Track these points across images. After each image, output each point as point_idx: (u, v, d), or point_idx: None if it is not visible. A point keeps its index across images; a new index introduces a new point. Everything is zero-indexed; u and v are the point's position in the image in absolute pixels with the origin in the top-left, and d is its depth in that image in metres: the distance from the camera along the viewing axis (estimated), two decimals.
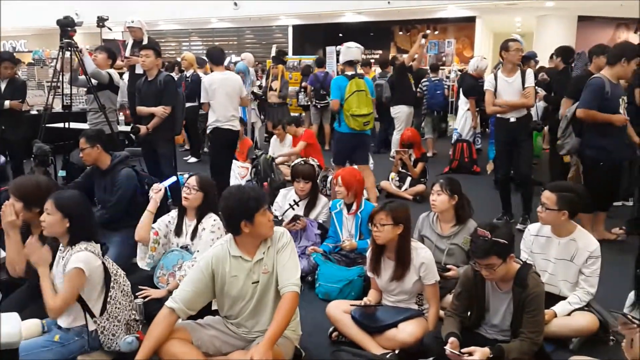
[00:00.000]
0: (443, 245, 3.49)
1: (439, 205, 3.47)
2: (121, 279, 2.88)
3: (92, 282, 2.69)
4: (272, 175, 6.04)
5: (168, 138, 5.32)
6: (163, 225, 3.48)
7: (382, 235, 2.92)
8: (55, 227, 2.70)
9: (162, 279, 3.41)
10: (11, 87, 5.69)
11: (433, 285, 2.94)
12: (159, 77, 5.08)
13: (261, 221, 2.51)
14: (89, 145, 4.00)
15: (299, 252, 3.93)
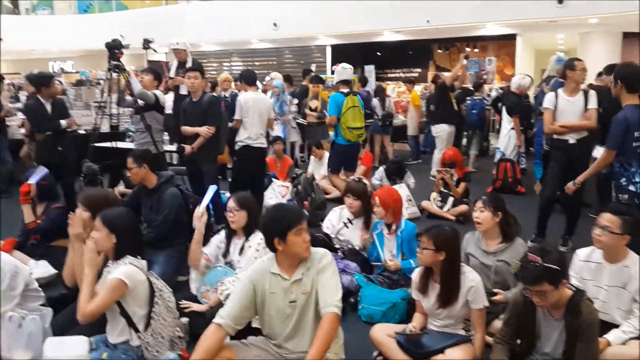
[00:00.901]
0: (489, 262, 3.40)
1: (483, 223, 3.41)
2: (166, 295, 2.93)
3: (136, 296, 2.75)
4: (312, 194, 6.05)
5: (212, 157, 5.41)
6: (214, 248, 3.53)
7: (423, 259, 2.89)
8: (103, 243, 2.79)
9: (205, 294, 3.44)
10: (58, 107, 5.81)
11: (481, 310, 2.87)
12: (204, 98, 5.19)
13: (294, 241, 2.49)
14: (136, 165, 4.10)
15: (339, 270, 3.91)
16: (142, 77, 5.55)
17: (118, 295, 2.70)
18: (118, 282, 2.67)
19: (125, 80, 5.18)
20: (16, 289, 3.03)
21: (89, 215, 3.18)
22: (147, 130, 5.24)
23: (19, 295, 3.04)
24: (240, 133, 5.60)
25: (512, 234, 3.43)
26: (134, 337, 2.77)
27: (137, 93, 5.22)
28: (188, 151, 5.24)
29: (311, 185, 6.12)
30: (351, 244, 4.22)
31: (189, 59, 6.58)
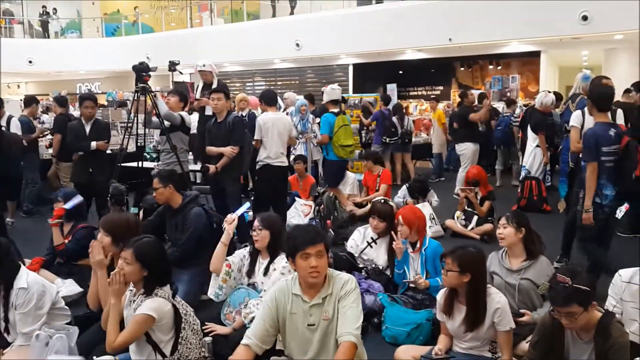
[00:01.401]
0: (513, 281, 3.34)
1: (507, 239, 3.37)
2: (191, 318, 2.93)
3: (162, 326, 2.75)
4: (335, 213, 6.04)
5: (236, 177, 5.47)
6: (238, 258, 3.52)
7: (447, 281, 2.87)
8: (134, 276, 2.79)
9: (229, 315, 3.44)
10: (96, 129, 5.96)
11: (507, 332, 2.83)
12: (228, 119, 5.25)
13: (300, 264, 2.48)
14: (162, 185, 4.14)
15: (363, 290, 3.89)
16: (169, 98, 5.65)
17: (145, 329, 2.71)
18: (145, 318, 2.67)
19: (152, 102, 5.27)
20: (43, 308, 3.09)
21: (110, 240, 3.22)
22: (173, 150, 5.32)
23: (45, 314, 3.10)
24: (260, 153, 5.65)
25: (536, 251, 3.39)
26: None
27: (164, 114, 5.30)
28: (212, 171, 5.30)
29: (334, 204, 6.12)
30: (375, 263, 4.20)
31: (215, 80, 6.68)
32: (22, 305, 3.00)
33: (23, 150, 6.80)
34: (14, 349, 3.05)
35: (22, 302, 3.00)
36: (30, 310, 3.02)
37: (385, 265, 4.19)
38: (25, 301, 3.00)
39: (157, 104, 5.26)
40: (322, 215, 6.07)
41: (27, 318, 3.01)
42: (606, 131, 4.06)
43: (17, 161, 6.40)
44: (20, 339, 3.04)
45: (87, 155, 5.89)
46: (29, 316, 3.02)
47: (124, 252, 2.80)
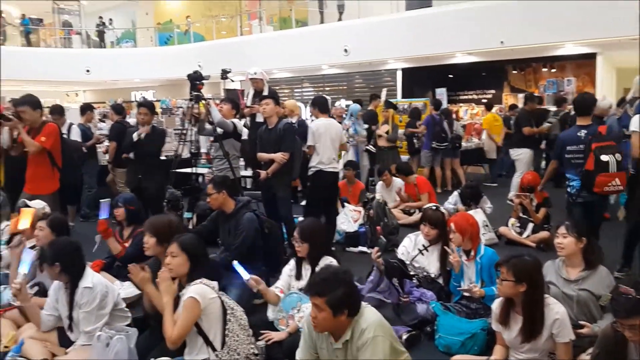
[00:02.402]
0: (571, 291, 3.25)
1: (566, 249, 3.28)
2: (238, 313, 3.01)
3: (209, 315, 2.85)
4: (385, 219, 6.01)
5: (286, 182, 5.53)
6: (285, 279, 3.60)
7: (502, 290, 2.81)
8: (181, 268, 2.92)
9: (281, 321, 3.48)
10: (152, 135, 5.95)
11: (567, 343, 2.74)
12: (279, 125, 5.32)
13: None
14: (215, 191, 4.25)
15: (415, 298, 3.85)
16: (222, 106, 5.76)
17: (196, 314, 2.81)
18: (192, 301, 2.78)
19: (205, 110, 5.39)
20: (105, 308, 3.21)
21: (154, 241, 3.35)
22: (225, 157, 5.42)
23: (108, 314, 3.22)
24: (313, 158, 5.67)
25: (595, 261, 3.28)
26: (211, 355, 2.86)
27: (217, 122, 5.42)
28: (263, 177, 5.38)
29: (384, 210, 6.08)
30: (427, 271, 4.15)
31: (265, 87, 6.78)
32: (86, 304, 3.12)
33: (82, 157, 7.07)
34: (76, 349, 3.18)
35: (86, 301, 3.12)
36: (93, 310, 3.14)
37: (437, 274, 4.14)
38: (89, 300, 3.13)
39: (211, 112, 5.38)
40: (372, 222, 6.05)
41: (90, 317, 3.14)
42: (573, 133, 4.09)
43: (78, 167, 6.65)
44: (83, 338, 3.16)
45: (137, 161, 5.99)
46: (92, 315, 3.14)
47: (170, 247, 2.96)
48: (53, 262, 3.14)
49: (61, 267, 3.14)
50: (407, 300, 3.82)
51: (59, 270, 3.15)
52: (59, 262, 3.14)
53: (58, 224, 3.86)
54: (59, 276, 3.18)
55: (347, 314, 2.45)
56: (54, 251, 3.18)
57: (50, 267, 3.17)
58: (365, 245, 5.97)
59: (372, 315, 2.53)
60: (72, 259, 3.20)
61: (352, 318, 2.48)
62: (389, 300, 3.90)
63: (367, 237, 6.04)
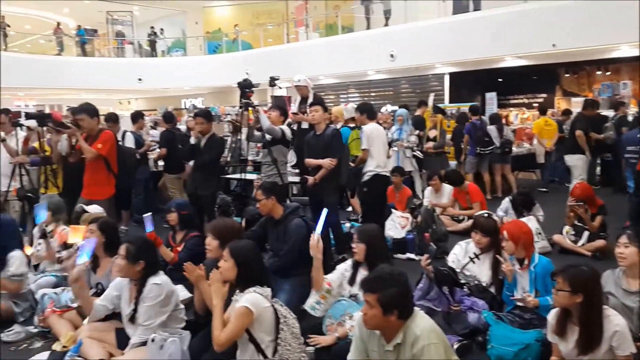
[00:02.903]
0: (631, 303, 3.13)
1: (628, 259, 3.17)
2: (290, 321, 3.02)
3: (262, 323, 2.86)
4: (433, 226, 5.93)
5: (333, 188, 5.53)
6: (339, 275, 3.58)
7: (558, 300, 2.73)
8: (229, 272, 2.96)
9: (330, 327, 3.49)
10: (208, 144, 5.88)
11: (627, 357, 2.64)
12: (327, 131, 5.35)
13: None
14: (264, 197, 4.29)
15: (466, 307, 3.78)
16: (270, 113, 5.83)
17: (246, 323, 2.82)
18: (244, 310, 2.80)
19: (254, 117, 5.47)
20: (167, 306, 3.32)
21: (217, 243, 3.45)
22: (274, 163, 5.48)
23: (168, 312, 3.31)
24: (369, 163, 5.67)
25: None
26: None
27: (266, 128, 5.49)
28: (311, 182, 5.40)
29: (432, 217, 6.00)
30: (478, 280, 4.07)
31: (310, 94, 6.81)
32: (151, 298, 3.23)
33: (136, 163, 7.29)
34: (132, 350, 3.27)
35: (152, 296, 3.23)
36: (155, 305, 3.24)
37: (489, 282, 4.05)
38: (155, 295, 3.24)
39: (260, 119, 5.45)
40: (420, 228, 5.98)
41: (150, 311, 3.24)
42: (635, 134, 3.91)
43: (132, 173, 6.84)
44: (139, 331, 3.26)
45: (194, 168, 6.08)
46: (153, 310, 3.24)
47: (224, 252, 3.03)
48: (137, 260, 3.25)
49: (145, 264, 3.27)
50: (458, 308, 3.76)
51: (141, 268, 3.27)
52: (144, 260, 3.27)
53: (108, 226, 3.98)
54: (137, 273, 3.29)
55: (398, 315, 2.44)
56: (138, 249, 3.28)
57: (132, 265, 3.26)
58: (413, 252, 5.90)
59: (426, 322, 2.51)
60: (153, 256, 3.38)
61: (403, 321, 2.47)
62: (439, 308, 3.84)
63: (415, 244, 5.97)
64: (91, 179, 5.20)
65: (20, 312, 4.23)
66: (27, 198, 5.72)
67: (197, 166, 5.89)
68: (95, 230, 3.90)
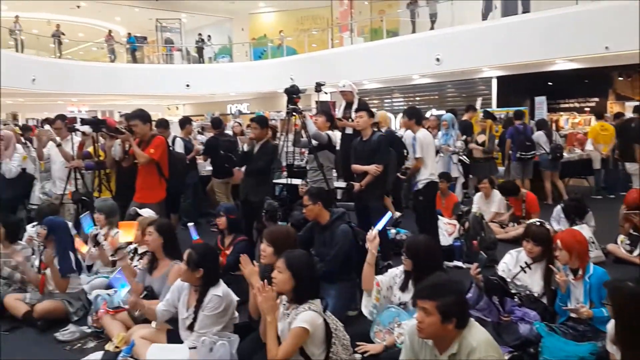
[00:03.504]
0: None
1: None
2: (340, 333, 3.01)
3: (315, 340, 2.84)
4: (482, 233, 5.82)
5: (379, 194, 5.51)
6: (389, 277, 3.55)
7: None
8: (284, 284, 2.92)
9: (378, 334, 3.46)
10: (262, 150, 5.87)
11: None
12: (373, 137, 5.33)
13: None
14: (311, 202, 4.31)
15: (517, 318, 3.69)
16: (316, 118, 5.86)
17: (302, 342, 2.81)
18: (303, 331, 2.78)
19: (301, 122, 5.50)
20: (225, 317, 3.38)
21: (272, 250, 3.45)
22: (320, 168, 5.50)
23: (224, 323, 3.36)
24: (423, 171, 5.56)
25: None
26: None
27: (312, 134, 5.52)
28: (357, 188, 5.39)
29: (480, 224, 5.89)
30: (529, 290, 3.96)
31: (355, 99, 6.81)
32: (210, 309, 3.29)
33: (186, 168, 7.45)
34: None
35: (211, 306, 3.29)
36: (214, 316, 3.30)
37: (540, 292, 3.94)
38: (215, 306, 3.29)
39: (306, 124, 5.48)
40: (468, 236, 5.88)
41: (208, 320, 3.29)
42: None
43: (182, 177, 6.98)
44: (192, 337, 3.32)
45: (246, 175, 6.08)
46: (211, 319, 3.30)
47: (278, 262, 2.98)
48: (197, 267, 3.31)
49: (204, 272, 3.32)
50: (508, 319, 3.66)
51: (200, 275, 3.32)
52: (203, 268, 3.32)
53: (166, 228, 4.07)
54: (197, 280, 3.34)
55: (455, 324, 2.39)
56: (200, 256, 3.33)
57: (192, 271, 3.32)
58: (461, 260, 5.81)
59: (481, 333, 2.46)
60: (214, 265, 3.42)
61: (459, 330, 2.42)
62: (489, 318, 3.75)
63: (463, 252, 5.88)
64: (143, 183, 5.35)
65: (73, 311, 4.38)
66: (81, 201, 5.92)
67: (249, 172, 5.95)
68: (153, 232, 4.00)
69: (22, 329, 4.24)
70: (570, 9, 11.50)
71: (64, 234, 4.48)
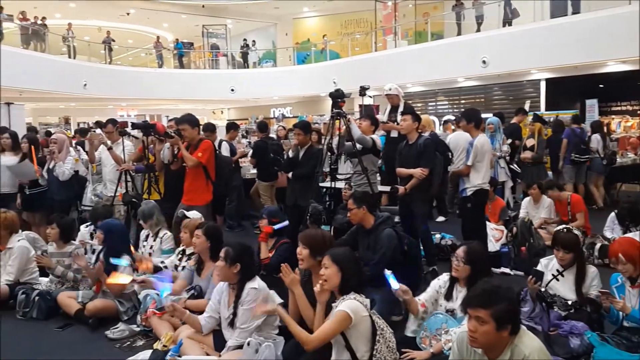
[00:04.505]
0: None
1: None
2: (387, 334, 3.01)
3: (359, 332, 2.88)
4: (530, 239, 5.68)
5: (424, 198, 5.45)
6: (432, 292, 3.53)
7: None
8: (332, 278, 3.00)
9: (424, 340, 3.42)
10: (306, 155, 5.98)
11: None
12: (419, 141, 5.28)
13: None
14: (356, 206, 4.31)
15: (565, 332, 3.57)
16: (361, 122, 5.84)
17: (343, 327, 2.86)
18: (343, 314, 2.84)
19: (346, 126, 5.50)
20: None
21: (308, 252, 3.50)
22: (364, 172, 5.48)
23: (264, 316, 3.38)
24: (474, 177, 5.41)
25: None
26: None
27: (357, 138, 5.51)
28: (401, 192, 5.34)
29: (529, 230, 5.75)
30: (563, 298, 3.84)
31: (401, 103, 6.77)
32: (249, 302, 3.36)
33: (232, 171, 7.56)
34: (228, 352, 3.38)
35: (249, 299, 3.36)
36: (253, 309, 3.33)
37: (574, 300, 3.81)
38: (252, 299, 3.35)
39: (351, 128, 5.48)
40: (516, 242, 5.74)
41: (248, 314, 3.35)
42: None
43: (228, 180, 7.09)
44: (235, 334, 3.38)
45: (294, 180, 6.19)
46: (251, 312, 3.34)
47: (324, 259, 3.09)
48: (234, 262, 3.40)
49: (241, 267, 3.41)
50: (556, 332, 3.57)
51: (237, 270, 3.41)
52: (240, 263, 3.41)
53: (213, 232, 4.15)
54: (234, 276, 3.43)
55: (510, 330, 2.35)
56: (237, 252, 3.44)
57: (230, 267, 3.41)
58: (508, 266, 5.68)
59: (534, 341, 2.40)
60: (250, 260, 3.52)
61: (511, 337, 2.38)
62: (539, 327, 3.67)
63: (510, 258, 5.74)
64: (191, 185, 5.46)
65: (124, 311, 4.50)
66: (131, 203, 6.09)
67: (296, 178, 6.01)
68: (200, 235, 4.08)
69: (74, 327, 4.39)
70: (623, 9, 11.08)
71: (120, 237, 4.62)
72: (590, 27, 11.47)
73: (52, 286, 4.88)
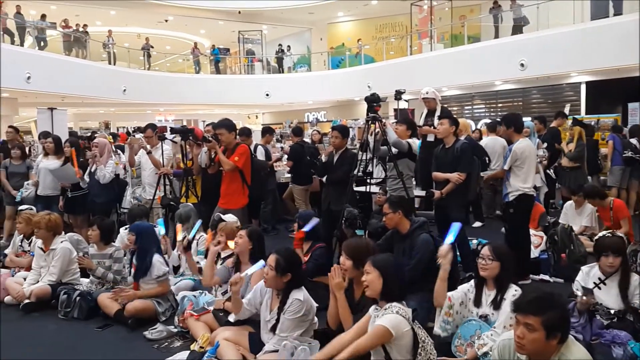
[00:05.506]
0: None
1: None
2: (428, 346, 2.96)
3: (400, 346, 2.83)
4: (571, 246, 5.54)
5: (461, 204, 5.37)
6: (461, 293, 3.48)
7: None
8: (374, 284, 2.98)
9: (459, 347, 3.38)
10: (341, 159, 5.91)
11: None
12: (456, 145, 5.22)
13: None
14: (391, 211, 4.28)
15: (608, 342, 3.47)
16: (397, 127, 5.81)
17: (381, 342, 2.82)
18: (384, 331, 2.79)
19: (381, 131, 5.48)
20: (305, 322, 3.45)
21: (351, 263, 3.48)
22: (399, 177, 5.44)
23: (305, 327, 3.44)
24: (515, 182, 5.26)
25: None
26: None
27: (393, 142, 5.48)
28: (437, 196, 5.29)
29: (569, 236, 5.60)
30: (607, 307, 3.72)
31: (438, 107, 6.71)
32: (292, 312, 3.38)
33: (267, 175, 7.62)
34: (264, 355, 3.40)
35: (293, 310, 3.38)
36: (296, 320, 3.39)
37: (620, 308, 3.69)
38: (296, 310, 3.38)
39: (387, 132, 5.45)
40: (556, 248, 5.61)
41: (290, 323, 3.38)
42: None
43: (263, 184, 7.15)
44: (274, 339, 3.41)
45: (328, 184, 6.13)
46: (293, 323, 3.39)
47: (365, 266, 3.08)
48: (285, 272, 3.41)
49: (292, 276, 3.42)
50: (598, 341, 3.47)
51: (287, 280, 3.42)
52: (291, 272, 3.42)
53: (256, 235, 4.18)
54: (283, 284, 3.43)
55: (560, 339, 2.30)
56: (288, 262, 3.43)
57: (281, 277, 3.41)
58: (548, 273, 5.55)
59: (580, 350, 2.35)
60: (300, 269, 3.53)
61: (559, 345, 2.32)
62: (579, 335, 3.57)
63: (550, 265, 5.61)
64: (228, 189, 5.53)
65: (162, 312, 4.57)
66: (169, 206, 6.20)
67: (330, 182, 6.00)
68: (244, 235, 4.13)
69: (114, 327, 4.48)
70: None
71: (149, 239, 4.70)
72: (633, 29, 11.14)
73: (93, 287, 5.00)
